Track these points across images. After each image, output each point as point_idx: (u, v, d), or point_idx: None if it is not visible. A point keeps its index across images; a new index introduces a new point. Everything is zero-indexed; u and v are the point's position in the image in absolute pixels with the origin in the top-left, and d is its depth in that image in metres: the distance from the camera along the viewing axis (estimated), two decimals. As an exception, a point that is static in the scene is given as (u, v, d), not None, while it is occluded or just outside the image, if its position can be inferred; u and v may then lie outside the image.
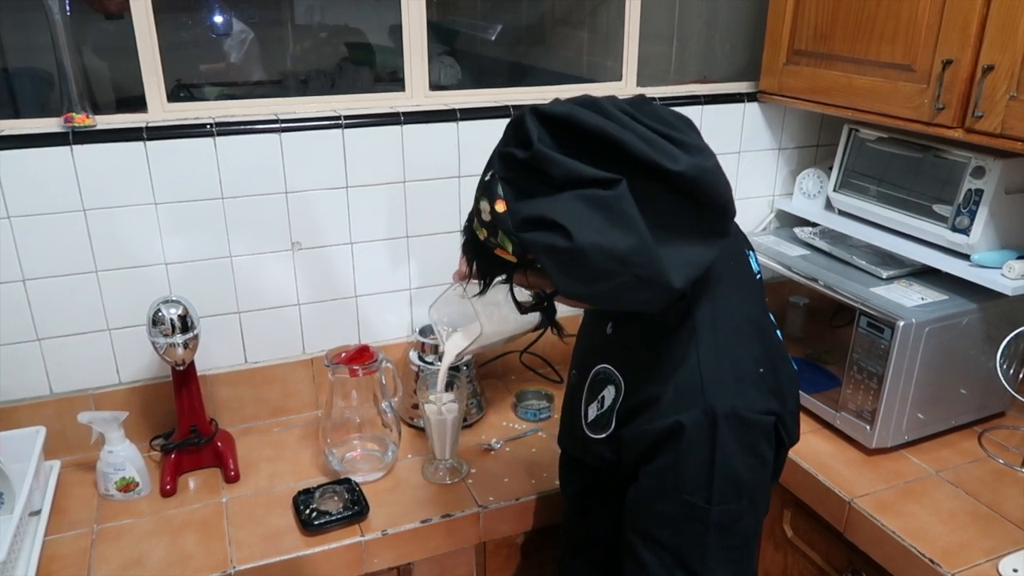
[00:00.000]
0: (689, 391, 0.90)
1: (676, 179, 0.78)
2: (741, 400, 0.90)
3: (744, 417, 0.89)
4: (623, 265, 0.79)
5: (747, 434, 0.90)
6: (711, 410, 0.88)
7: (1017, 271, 1.42)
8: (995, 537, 1.29)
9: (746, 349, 0.95)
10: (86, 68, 1.49)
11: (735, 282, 1.00)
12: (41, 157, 1.39)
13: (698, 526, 0.90)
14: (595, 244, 0.78)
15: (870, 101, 1.55)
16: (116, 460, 1.40)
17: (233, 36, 1.69)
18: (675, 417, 0.89)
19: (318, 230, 1.62)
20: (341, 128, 1.56)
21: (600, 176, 0.79)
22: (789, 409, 0.98)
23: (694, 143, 0.82)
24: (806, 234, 1.81)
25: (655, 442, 0.91)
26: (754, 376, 0.93)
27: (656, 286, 0.81)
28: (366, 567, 1.35)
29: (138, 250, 1.50)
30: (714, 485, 0.88)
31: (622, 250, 0.78)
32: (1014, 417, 1.64)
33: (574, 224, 0.78)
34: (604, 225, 0.78)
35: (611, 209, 0.78)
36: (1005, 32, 1.29)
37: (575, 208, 0.79)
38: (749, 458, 0.90)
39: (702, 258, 0.84)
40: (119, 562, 1.28)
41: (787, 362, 1.02)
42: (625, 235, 0.78)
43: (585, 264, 0.79)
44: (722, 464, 0.88)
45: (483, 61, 1.91)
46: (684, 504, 0.90)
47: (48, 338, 1.49)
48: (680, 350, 0.93)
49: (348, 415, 1.50)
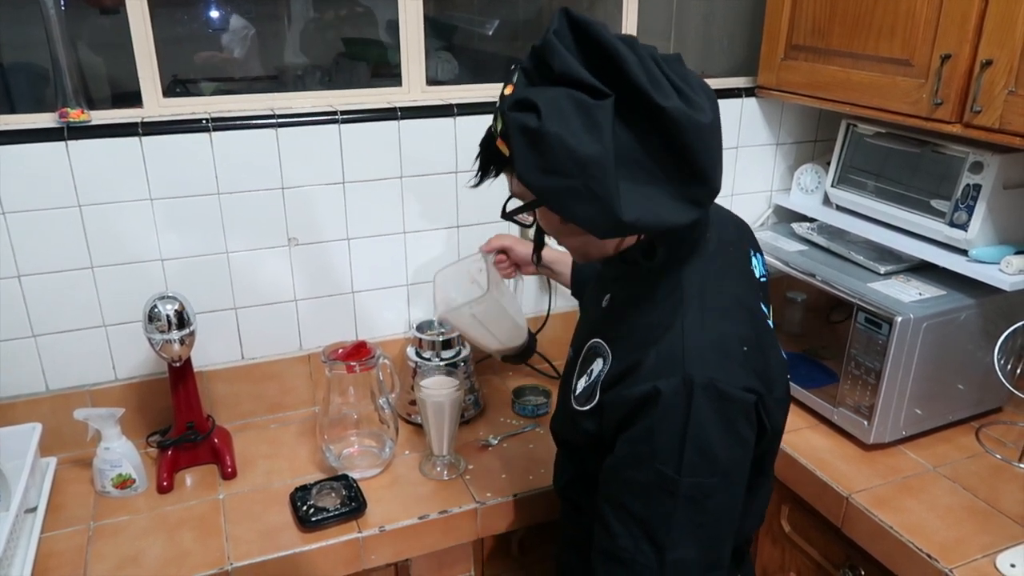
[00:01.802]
0: (670, 359, 0.90)
1: (659, 115, 0.81)
2: (721, 373, 0.89)
3: (722, 390, 0.88)
4: (578, 168, 0.82)
5: (724, 408, 0.88)
6: (689, 378, 0.87)
7: (1015, 266, 1.42)
8: (992, 532, 1.30)
9: (732, 326, 0.94)
10: (81, 63, 1.48)
11: (729, 268, 1.01)
12: (36, 152, 1.38)
13: (667, 497, 0.88)
14: (559, 136, 0.81)
15: (868, 96, 1.55)
16: (112, 457, 1.40)
17: (229, 31, 1.69)
18: (653, 383, 0.88)
19: (315, 226, 1.61)
20: (338, 123, 1.56)
21: (592, 84, 0.82)
22: (775, 396, 0.96)
23: (696, 100, 0.84)
24: (804, 229, 1.81)
25: (632, 408, 0.91)
26: (737, 352, 0.92)
27: (602, 206, 0.83)
28: (363, 563, 1.35)
29: (134, 246, 1.49)
30: (685, 455, 0.87)
31: (582, 153, 0.81)
32: (1011, 412, 1.64)
33: (549, 111, 0.82)
34: (576, 125, 0.81)
35: (589, 115, 0.81)
36: (1003, 27, 1.28)
37: (558, 101, 0.82)
38: (725, 434, 0.89)
39: (666, 212, 0.85)
40: (116, 559, 1.27)
41: (777, 350, 1.02)
42: (591, 142, 0.81)
43: (545, 152, 0.82)
44: (695, 435, 0.87)
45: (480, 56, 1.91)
46: (655, 473, 0.89)
47: (44, 334, 1.49)
48: (666, 319, 0.93)
49: (345, 411, 1.49)
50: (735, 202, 1.97)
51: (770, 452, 1.05)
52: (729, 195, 1.97)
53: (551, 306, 1.81)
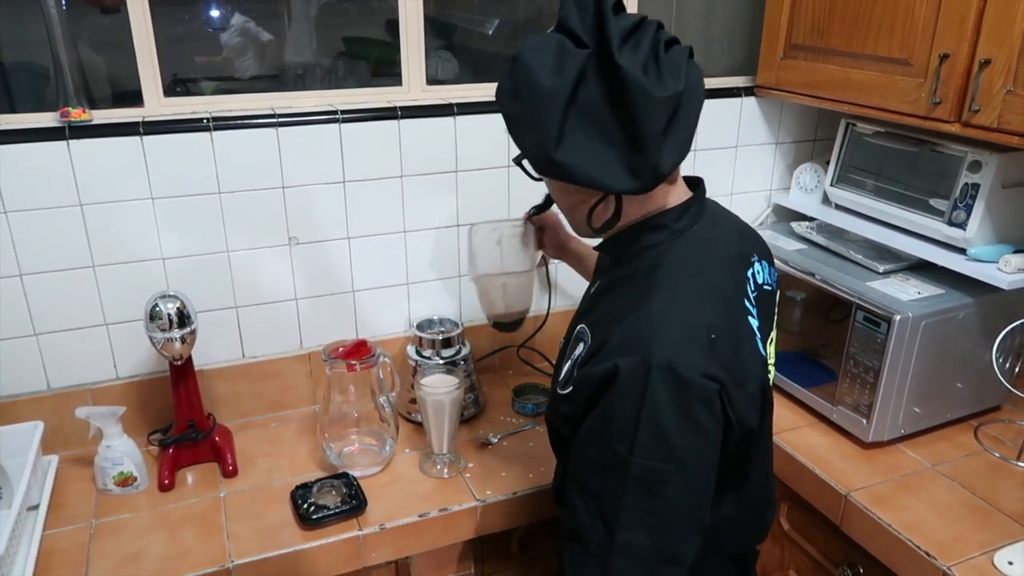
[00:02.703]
0: (633, 338, 0.90)
1: (615, 73, 0.88)
2: (681, 357, 0.88)
3: (680, 374, 0.87)
4: (531, 96, 0.90)
5: (681, 392, 0.87)
6: (647, 358, 0.87)
7: (1013, 265, 1.42)
8: (991, 530, 1.30)
9: (703, 313, 0.94)
10: (82, 63, 1.48)
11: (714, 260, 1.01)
12: (37, 152, 1.38)
13: (619, 476, 0.88)
14: (528, 64, 0.90)
15: (867, 95, 1.55)
16: (114, 455, 1.40)
17: (230, 31, 1.69)
18: (614, 360, 0.89)
19: (315, 225, 1.62)
20: (338, 122, 1.56)
21: (576, 33, 0.90)
22: (747, 391, 0.95)
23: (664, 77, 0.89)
24: (803, 228, 1.81)
25: (596, 386, 0.91)
26: (703, 339, 0.91)
27: (541, 138, 0.90)
28: (364, 561, 1.35)
29: (135, 245, 1.50)
30: (638, 436, 0.87)
31: (539, 83, 0.89)
32: (1010, 411, 1.65)
33: (533, 44, 0.92)
34: (547, 60, 0.90)
35: (563, 56, 0.90)
36: (1002, 26, 1.29)
37: (547, 41, 0.91)
38: (681, 419, 0.87)
39: (605, 173, 0.91)
40: (117, 557, 1.28)
41: (753, 347, 1.00)
42: (551, 76, 0.89)
43: (515, 76, 0.92)
44: (649, 417, 0.87)
45: (480, 55, 1.91)
46: (610, 452, 0.89)
47: (45, 333, 1.49)
48: (636, 301, 0.94)
49: (346, 410, 1.50)
50: (734, 201, 1.98)
51: (754, 456, 1.03)
52: (728, 194, 1.97)
53: (551, 304, 1.82)
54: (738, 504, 1.03)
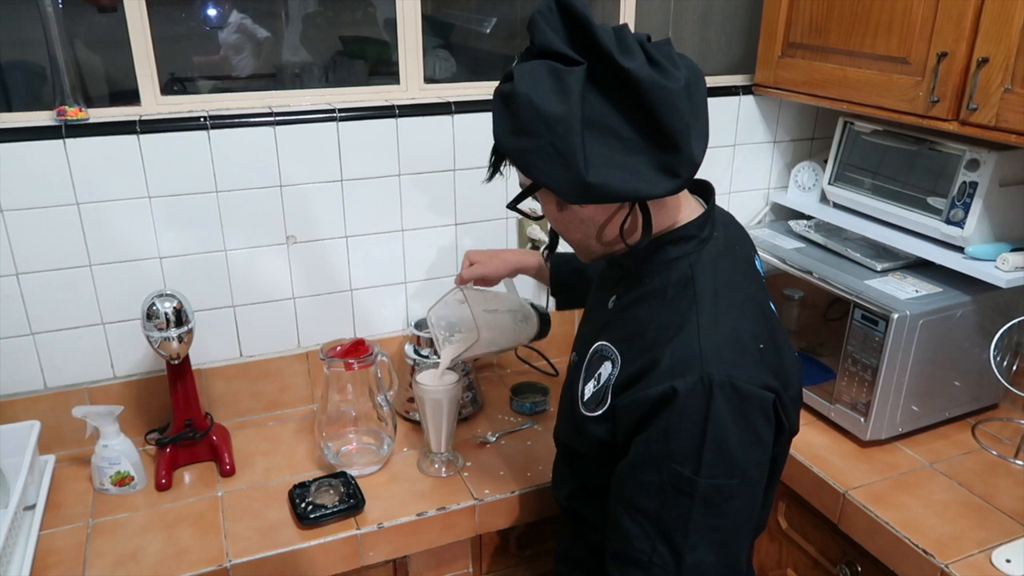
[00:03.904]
0: (686, 357, 0.88)
1: (626, 78, 0.84)
2: (738, 371, 0.87)
3: (740, 388, 0.87)
4: (544, 126, 0.85)
5: (742, 407, 0.87)
6: (707, 377, 0.86)
7: (1011, 263, 1.42)
8: (988, 528, 1.30)
9: (747, 323, 0.93)
10: (79, 61, 1.48)
11: (738, 265, 1.01)
12: (34, 151, 1.38)
13: (684, 498, 0.87)
14: (528, 96, 0.86)
15: (865, 94, 1.55)
16: (111, 454, 1.40)
17: (227, 29, 1.69)
18: (670, 383, 0.87)
19: (313, 224, 1.61)
20: (336, 121, 1.56)
21: (565, 53, 0.86)
22: (791, 395, 0.96)
23: (668, 68, 0.87)
24: (801, 227, 1.81)
25: (649, 410, 0.89)
26: (753, 350, 0.91)
27: (567, 165, 0.86)
28: (362, 560, 1.35)
29: (132, 244, 1.49)
30: (704, 456, 0.86)
31: (547, 111, 0.85)
32: (1007, 409, 1.65)
33: (522, 76, 0.87)
34: (545, 87, 0.86)
35: (559, 79, 0.86)
36: (1000, 24, 1.29)
37: (534, 70, 0.87)
38: (743, 433, 0.87)
39: (640, 181, 0.87)
40: (115, 556, 1.27)
41: (790, 348, 1.00)
42: (557, 102, 0.85)
43: (515, 112, 0.87)
44: (714, 435, 0.86)
45: (478, 54, 1.91)
46: (672, 473, 0.87)
47: (42, 332, 1.49)
48: (679, 318, 0.92)
49: (344, 409, 1.50)
50: (732, 200, 1.98)
51: (782, 455, 1.04)
52: (727, 193, 1.97)
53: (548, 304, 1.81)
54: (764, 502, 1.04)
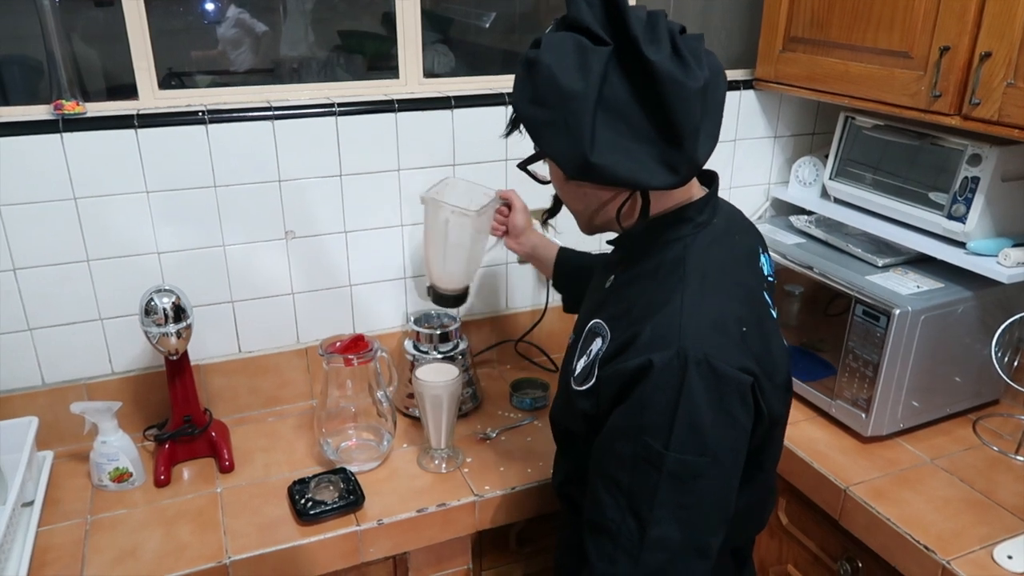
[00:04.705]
0: (666, 332, 0.90)
1: (647, 68, 0.85)
2: (716, 350, 0.88)
3: (716, 367, 0.87)
4: (560, 100, 0.87)
5: (717, 386, 0.88)
6: (683, 352, 0.87)
7: (1013, 259, 1.42)
8: (990, 524, 1.30)
9: (732, 306, 0.94)
10: (76, 55, 1.47)
11: (734, 253, 1.02)
12: (31, 145, 1.37)
13: (652, 471, 0.88)
14: (550, 68, 0.87)
15: (867, 88, 1.55)
16: (109, 450, 1.40)
17: (225, 23, 1.68)
18: (648, 355, 0.88)
19: (312, 218, 1.61)
20: (335, 116, 1.55)
21: (595, 31, 0.87)
22: (775, 383, 0.96)
23: (693, 67, 0.87)
24: (802, 222, 1.81)
25: (627, 382, 0.90)
26: (735, 332, 0.92)
27: (574, 141, 0.87)
28: (362, 557, 1.35)
29: (130, 239, 1.49)
30: (674, 430, 0.87)
31: (566, 86, 0.86)
32: (1008, 405, 1.65)
33: (549, 46, 0.88)
34: (569, 62, 0.87)
35: (583, 56, 0.87)
36: (1002, 19, 1.28)
37: (563, 42, 0.88)
38: (717, 413, 0.88)
39: (641, 170, 0.88)
40: (113, 553, 1.27)
41: (779, 337, 1.02)
42: (577, 79, 0.86)
43: (536, 81, 0.88)
44: (686, 410, 0.87)
45: (477, 49, 1.90)
46: (643, 445, 0.88)
47: (40, 328, 1.48)
48: (665, 295, 0.93)
49: (343, 404, 1.49)
50: (733, 195, 1.97)
51: (770, 447, 1.04)
52: (727, 188, 1.96)
53: (548, 300, 1.81)
54: (751, 494, 1.03)
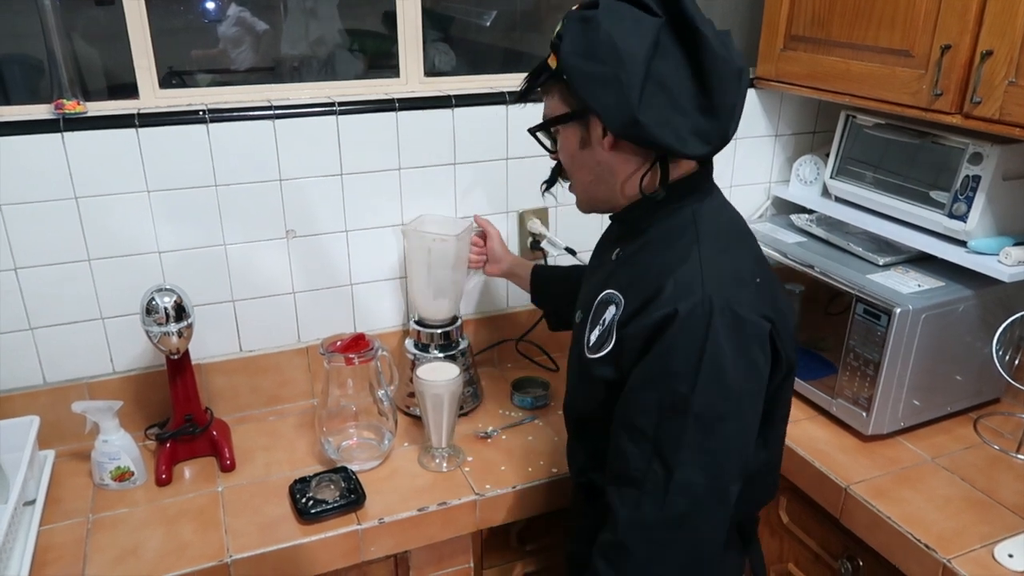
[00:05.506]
0: (689, 283, 0.93)
1: (697, 40, 0.90)
2: (737, 298, 0.92)
3: (739, 314, 0.91)
4: (616, 58, 0.91)
5: (740, 332, 0.91)
6: (708, 299, 0.91)
7: (1014, 257, 1.42)
8: (990, 523, 1.30)
9: (745, 261, 1.00)
10: (76, 54, 1.47)
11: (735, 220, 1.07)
12: (32, 145, 1.37)
13: (679, 415, 0.90)
14: (608, 28, 0.91)
15: (868, 87, 1.54)
16: (111, 449, 1.40)
17: (226, 22, 1.68)
18: (673, 305, 0.92)
19: (312, 217, 1.61)
20: (335, 115, 1.55)
21: (647, 3, 0.93)
22: (787, 331, 1.00)
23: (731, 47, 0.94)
24: (803, 221, 1.81)
25: (652, 334, 0.93)
26: (751, 282, 0.96)
27: (624, 97, 0.91)
28: (363, 555, 1.35)
29: (131, 238, 1.49)
30: (700, 374, 0.89)
31: (623, 47, 0.90)
32: (1009, 403, 1.65)
33: (605, 9, 0.93)
34: (626, 26, 0.91)
35: (639, 24, 0.92)
36: (1004, 17, 1.28)
37: (619, 9, 0.93)
38: (739, 358, 0.91)
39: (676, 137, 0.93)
40: (115, 551, 1.27)
41: (783, 291, 1.07)
42: (635, 43, 0.91)
43: (592, 38, 0.92)
44: (711, 355, 0.90)
45: (478, 47, 1.90)
46: (668, 391, 0.91)
47: (41, 327, 1.48)
48: (682, 253, 0.97)
49: (344, 404, 1.49)
50: (734, 193, 1.97)
51: (781, 398, 1.06)
52: (728, 187, 1.96)
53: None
54: (764, 450, 1.06)
